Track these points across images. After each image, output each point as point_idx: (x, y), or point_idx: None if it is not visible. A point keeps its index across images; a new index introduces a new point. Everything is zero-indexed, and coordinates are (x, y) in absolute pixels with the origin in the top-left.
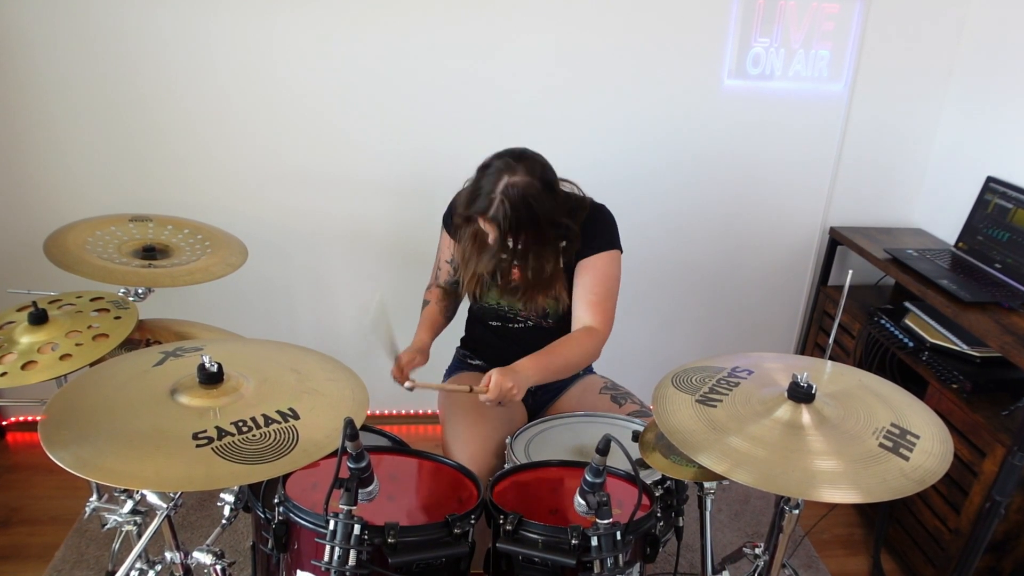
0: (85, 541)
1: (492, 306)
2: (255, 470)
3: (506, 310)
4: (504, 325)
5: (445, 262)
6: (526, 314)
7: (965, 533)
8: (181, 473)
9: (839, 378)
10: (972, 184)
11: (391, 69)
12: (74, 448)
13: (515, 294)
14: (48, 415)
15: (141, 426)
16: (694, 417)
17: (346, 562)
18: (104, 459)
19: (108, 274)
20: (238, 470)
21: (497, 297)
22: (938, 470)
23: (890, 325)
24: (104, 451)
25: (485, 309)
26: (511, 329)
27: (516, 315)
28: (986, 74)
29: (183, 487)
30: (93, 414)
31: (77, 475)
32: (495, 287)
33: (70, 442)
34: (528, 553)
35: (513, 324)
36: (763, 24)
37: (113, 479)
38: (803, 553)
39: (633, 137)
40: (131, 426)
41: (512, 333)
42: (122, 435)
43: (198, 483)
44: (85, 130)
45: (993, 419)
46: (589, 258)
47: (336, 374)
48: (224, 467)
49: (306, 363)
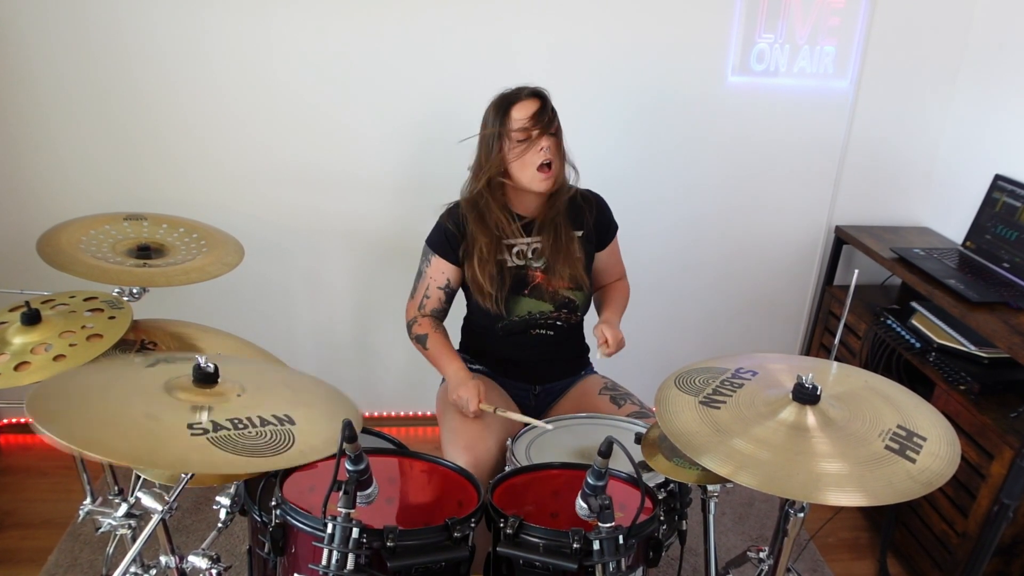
0: (79, 545)
1: (523, 317)
2: (252, 462)
3: (537, 317)
4: (527, 332)
5: (437, 288)
6: (556, 314)
7: (973, 537)
8: (176, 455)
9: (845, 379)
10: (980, 182)
11: (389, 67)
12: (65, 424)
13: (543, 294)
14: (38, 392)
15: (134, 412)
16: (697, 419)
17: (344, 566)
18: (95, 433)
19: (102, 274)
20: (235, 460)
21: (527, 307)
22: (945, 473)
23: (896, 325)
24: (96, 428)
25: (513, 323)
26: (533, 336)
27: (546, 318)
28: (994, 70)
29: (179, 468)
30: (86, 394)
31: (68, 447)
32: (522, 297)
33: (59, 415)
34: (529, 557)
35: (536, 330)
36: (768, 19)
37: (106, 452)
38: (808, 557)
39: (635, 135)
40: (124, 410)
41: (532, 341)
42: (115, 417)
43: (194, 466)
44: (78, 127)
45: (1001, 421)
46: (605, 249)
47: (329, 395)
48: (221, 456)
49: (298, 381)
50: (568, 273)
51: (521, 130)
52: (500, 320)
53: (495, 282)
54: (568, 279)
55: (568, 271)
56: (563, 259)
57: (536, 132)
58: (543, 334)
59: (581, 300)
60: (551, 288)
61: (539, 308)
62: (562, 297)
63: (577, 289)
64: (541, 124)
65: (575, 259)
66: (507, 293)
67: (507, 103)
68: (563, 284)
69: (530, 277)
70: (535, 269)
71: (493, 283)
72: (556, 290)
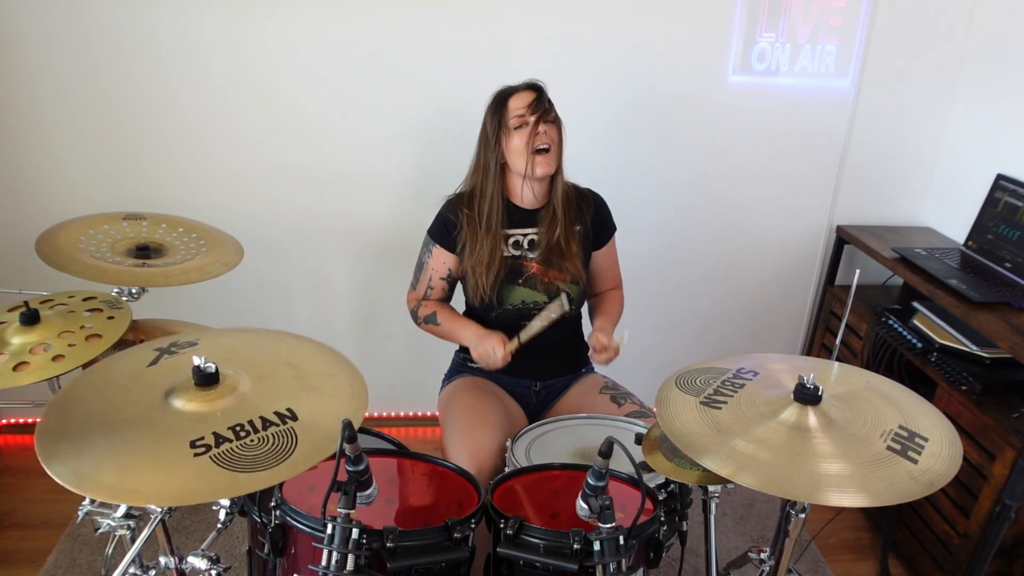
0: (78, 546)
1: (516, 306)
2: (254, 479)
3: (531, 306)
4: (521, 323)
5: (440, 279)
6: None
7: (975, 537)
8: (180, 486)
9: (846, 379)
10: (982, 182)
11: (389, 67)
12: (72, 464)
13: (536, 284)
14: (44, 426)
15: (138, 437)
16: (698, 419)
17: (344, 567)
18: (103, 475)
19: (101, 273)
20: (238, 480)
21: (521, 296)
22: (947, 473)
23: (898, 325)
24: (102, 466)
25: (507, 312)
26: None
27: (540, 308)
28: (996, 69)
29: (182, 502)
30: (89, 424)
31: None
32: (515, 286)
33: (68, 457)
34: (529, 558)
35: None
36: (769, 18)
37: (113, 496)
38: (809, 558)
39: (635, 135)
40: (128, 437)
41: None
42: (119, 447)
43: (197, 496)
44: (77, 126)
45: (1003, 421)
46: (602, 249)
47: (334, 367)
48: (223, 477)
49: (303, 356)
50: (564, 265)
51: (518, 117)
52: (493, 310)
53: (490, 270)
54: (564, 271)
55: (565, 263)
56: (561, 251)
57: (533, 119)
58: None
59: (576, 293)
60: (546, 279)
61: (533, 298)
62: (556, 288)
63: (572, 282)
64: (539, 111)
65: (573, 252)
66: (501, 281)
67: (504, 96)
68: (559, 275)
69: (525, 267)
70: (530, 260)
71: (489, 271)
72: (551, 280)
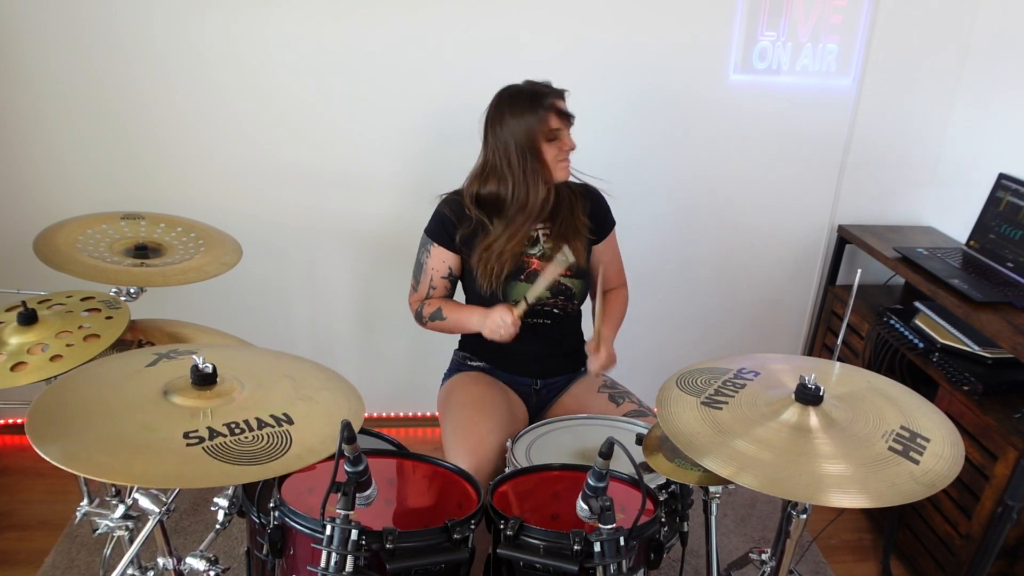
0: (76, 547)
1: (517, 302)
2: (247, 471)
3: (533, 303)
4: (523, 320)
5: (441, 278)
6: (553, 300)
7: (976, 538)
8: (171, 470)
9: (847, 380)
10: (984, 181)
11: (388, 66)
12: (62, 443)
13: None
14: (35, 410)
15: (130, 424)
16: (699, 419)
17: (343, 568)
18: (92, 454)
19: (99, 273)
20: (230, 470)
21: (523, 291)
22: (949, 474)
23: (900, 325)
24: (92, 447)
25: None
26: (530, 325)
27: (542, 305)
28: (998, 68)
29: (172, 484)
30: (82, 410)
31: (65, 469)
32: (517, 282)
33: (58, 437)
34: (529, 559)
35: (533, 319)
36: (770, 17)
37: (101, 473)
38: (811, 559)
39: (636, 133)
40: (120, 423)
41: (529, 331)
42: (111, 432)
43: (188, 480)
44: (75, 126)
45: (1005, 422)
46: (603, 242)
47: (331, 383)
48: (214, 467)
49: (301, 371)
50: (574, 245)
51: (553, 130)
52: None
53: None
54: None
55: (575, 243)
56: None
57: (566, 130)
58: (540, 323)
59: (578, 288)
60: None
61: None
62: (559, 284)
63: (575, 276)
64: (570, 125)
65: (579, 249)
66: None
67: (536, 97)
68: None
69: (527, 263)
70: (531, 255)
71: (501, 266)
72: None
